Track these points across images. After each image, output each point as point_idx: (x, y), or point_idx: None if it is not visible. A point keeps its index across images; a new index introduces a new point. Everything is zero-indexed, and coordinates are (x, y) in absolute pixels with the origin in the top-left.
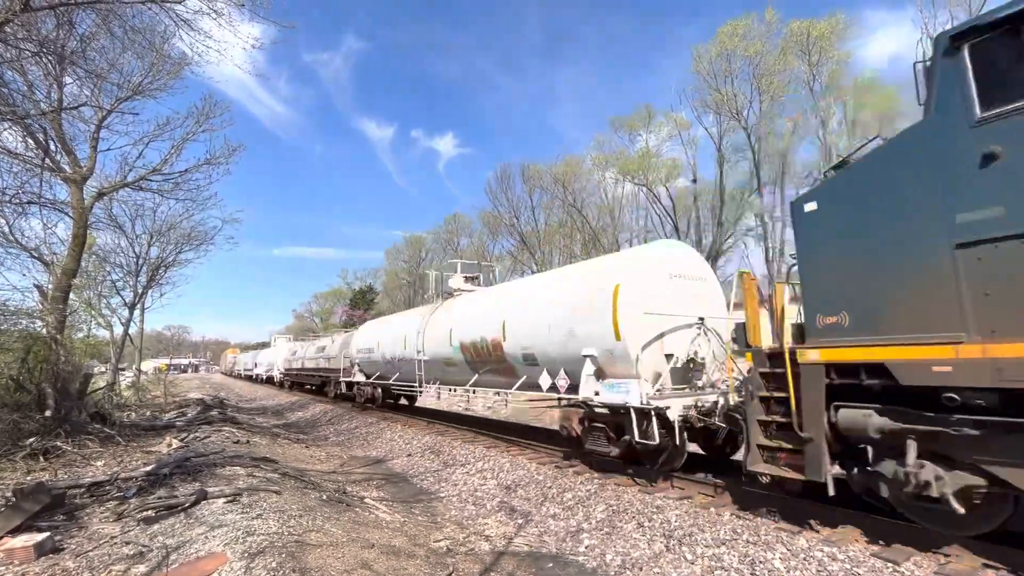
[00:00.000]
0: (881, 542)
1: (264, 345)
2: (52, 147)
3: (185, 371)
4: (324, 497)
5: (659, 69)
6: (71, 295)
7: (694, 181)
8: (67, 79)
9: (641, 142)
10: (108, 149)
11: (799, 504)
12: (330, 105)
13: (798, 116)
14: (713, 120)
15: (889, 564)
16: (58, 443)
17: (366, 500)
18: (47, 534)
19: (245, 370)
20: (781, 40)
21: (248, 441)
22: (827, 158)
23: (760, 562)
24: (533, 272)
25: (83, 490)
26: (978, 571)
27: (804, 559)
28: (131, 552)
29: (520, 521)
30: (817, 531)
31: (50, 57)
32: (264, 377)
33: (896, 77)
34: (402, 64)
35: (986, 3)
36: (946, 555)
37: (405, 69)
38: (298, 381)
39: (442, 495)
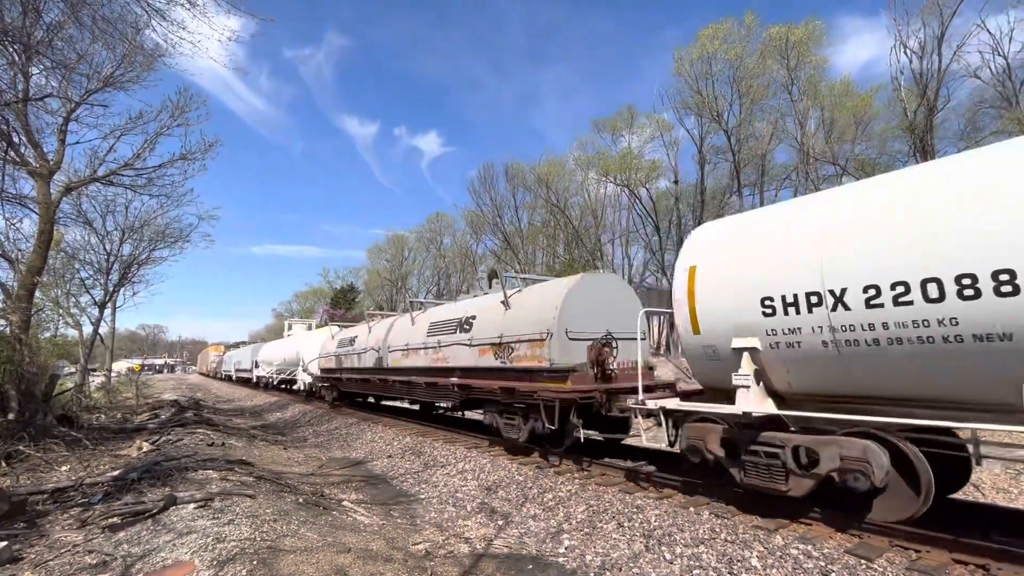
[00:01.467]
0: (855, 539)
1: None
2: (16, 139)
3: (160, 371)
4: (300, 501)
5: (642, 71)
6: (37, 293)
7: (675, 182)
8: (33, 69)
9: (623, 143)
10: (77, 142)
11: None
12: (311, 102)
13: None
14: (694, 122)
15: (863, 561)
16: (21, 447)
17: (344, 503)
18: (5, 543)
19: (237, 370)
20: (760, 45)
21: (223, 443)
22: (805, 161)
23: (738, 560)
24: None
25: (46, 496)
26: (947, 566)
27: (780, 557)
28: (94, 561)
29: (500, 522)
30: (793, 529)
31: (15, 46)
32: (274, 381)
33: (870, 82)
34: (385, 61)
35: (957, 10)
36: (917, 551)
37: (388, 66)
38: (377, 392)
39: (422, 497)
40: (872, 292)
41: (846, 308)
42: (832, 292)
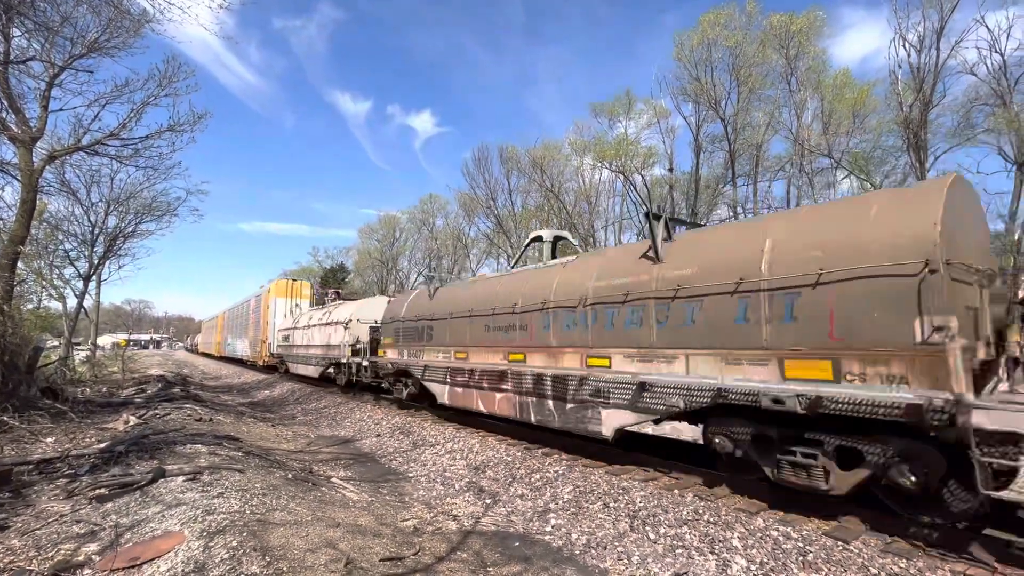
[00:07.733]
0: (833, 522)
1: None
2: None
3: (146, 347)
4: (289, 476)
5: (640, 54)
6: (20, 264)
7: (671, 170)
8: (15, 31)
9: (620, 128)
10: (60, 109)
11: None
12: (302, 75)
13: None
14: (692, 109)
15: (839, 543)
16: (5, 418)
17: (333, 480)
18: None
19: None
20: (760, 33)
21: (211, 419)
22: (799, 153)
23: (719, 540)
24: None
25: (31, 467)
26: (918, 551)
27: (761, 538)
28: (82, 531)
29: (488, 501)
30: (774, 512)
31: None
32: None
33: (869, 75)
34: (379, 36)
35: (957, 5)
36: (892, 535)
37: (382, 42)
38: None
39: (411, 475)
40: None
41: None
42: None
